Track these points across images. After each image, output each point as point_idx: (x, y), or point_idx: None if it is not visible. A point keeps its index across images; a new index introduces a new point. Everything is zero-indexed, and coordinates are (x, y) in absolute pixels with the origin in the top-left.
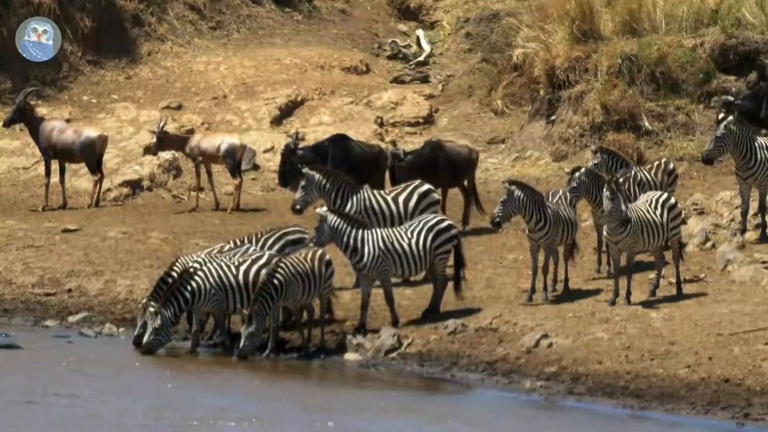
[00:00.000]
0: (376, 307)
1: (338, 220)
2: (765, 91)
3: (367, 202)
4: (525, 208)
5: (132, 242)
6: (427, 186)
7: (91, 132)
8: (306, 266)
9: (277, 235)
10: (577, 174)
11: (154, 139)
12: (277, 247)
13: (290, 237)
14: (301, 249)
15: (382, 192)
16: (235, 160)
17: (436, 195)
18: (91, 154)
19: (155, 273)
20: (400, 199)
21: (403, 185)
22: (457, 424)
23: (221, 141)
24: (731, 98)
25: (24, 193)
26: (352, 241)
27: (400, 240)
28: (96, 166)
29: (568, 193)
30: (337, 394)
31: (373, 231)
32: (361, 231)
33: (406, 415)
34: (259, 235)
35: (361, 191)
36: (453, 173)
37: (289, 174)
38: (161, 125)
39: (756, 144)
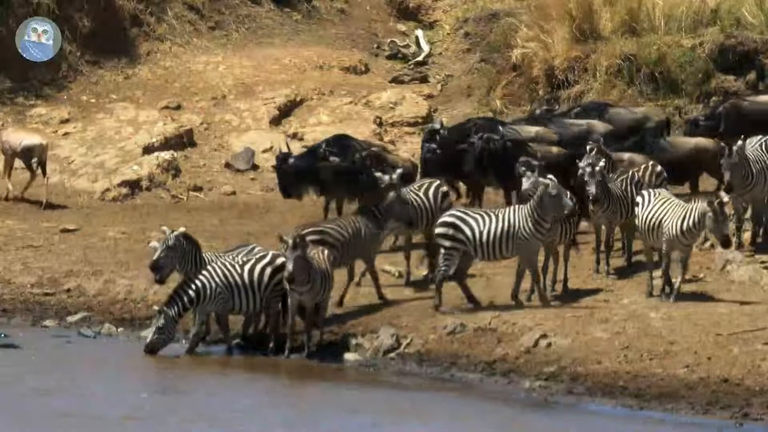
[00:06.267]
0: (375, 306)
1: None
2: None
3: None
4: None
5: (131, 242)
6: (445, 186)
7: None
8: (323, 266)
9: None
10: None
11: None
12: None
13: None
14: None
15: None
16: (30, 158)
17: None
18: None
19: None
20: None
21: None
22: (455, 424)
23: (22, 139)
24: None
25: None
26: None
27: None
28: None
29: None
30: (334, 393)
31: None
32: None
33: (404, 415)
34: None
35: None
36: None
37: (288, 183)
38: None
39: None
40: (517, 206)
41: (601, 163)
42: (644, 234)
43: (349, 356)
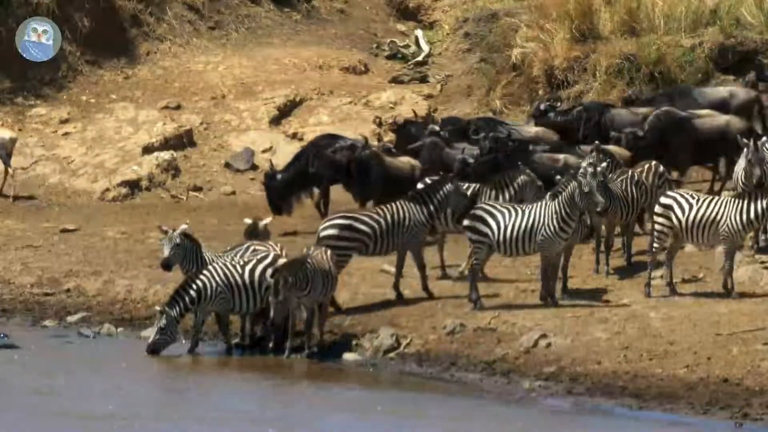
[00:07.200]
0: (375, 306)
1: None
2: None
3: None
4: None
5: (131, 242)
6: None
7: None
8: (326, 266)
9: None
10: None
11: None
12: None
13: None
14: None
15: None
16: (6, 152)
17: None
18: None
19: (154, 273)
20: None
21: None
22: (455, 424)
23: None
24: None
25: (23, 193)
26: None
27: None
28: None
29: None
30: (334, 393)
31: None
32: None
33: (403, 415)
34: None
35: None
36: (392, 188)
37: (279, 199)
38: None
39: None
40: (544, 202)
41: (603, 164)
42: (690, 235)
43: (349, 356)
